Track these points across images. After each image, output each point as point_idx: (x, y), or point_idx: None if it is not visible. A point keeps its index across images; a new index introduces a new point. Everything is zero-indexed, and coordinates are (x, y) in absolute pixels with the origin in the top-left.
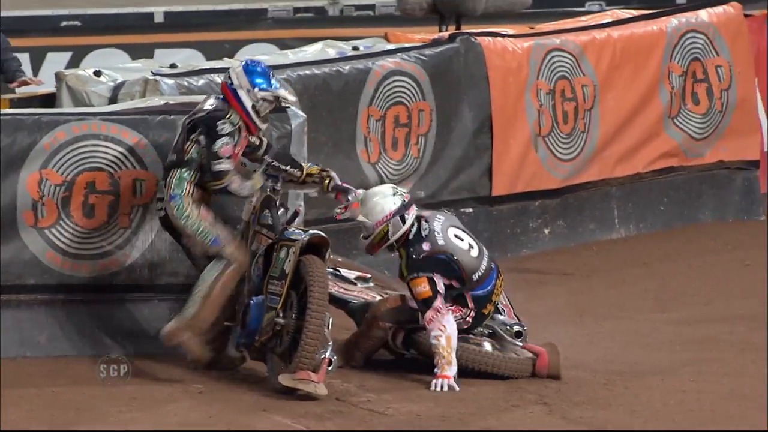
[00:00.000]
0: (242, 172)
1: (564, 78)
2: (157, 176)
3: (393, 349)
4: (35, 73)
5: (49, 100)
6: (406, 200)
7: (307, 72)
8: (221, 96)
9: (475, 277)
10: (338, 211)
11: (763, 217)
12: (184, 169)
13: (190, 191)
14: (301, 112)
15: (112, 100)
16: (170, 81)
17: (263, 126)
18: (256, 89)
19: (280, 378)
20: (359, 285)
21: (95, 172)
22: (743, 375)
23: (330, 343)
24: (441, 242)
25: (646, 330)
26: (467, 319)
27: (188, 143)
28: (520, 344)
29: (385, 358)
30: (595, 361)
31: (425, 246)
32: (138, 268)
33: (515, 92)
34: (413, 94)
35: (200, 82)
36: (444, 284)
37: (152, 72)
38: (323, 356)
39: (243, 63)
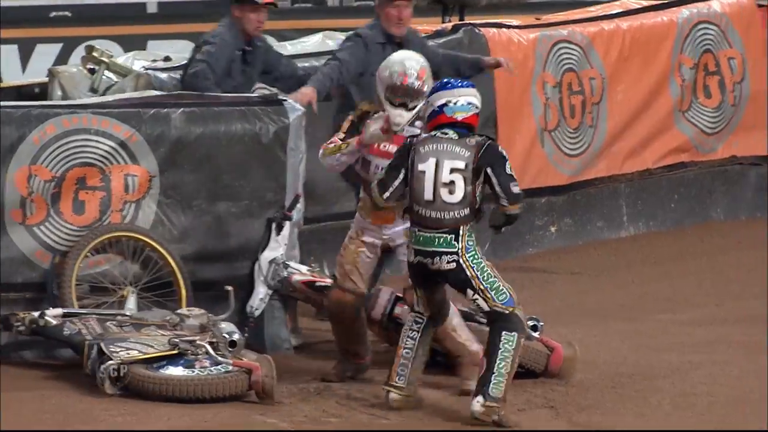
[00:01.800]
0: None
1: (571, 70)
2: (149, 172)
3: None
4: (24, 65)
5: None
6: None
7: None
8: (464, 128)
9: None
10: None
11: None
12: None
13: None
14: (299, 106)
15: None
16: (163, 75)
17: None
18: None
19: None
20: None
21: (86, 167)
22: (756, 378)
23: None
24: None
25: (656, 331)
26: None
27: (476, 190)
28: (537, 337)
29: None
30: (603, 363)
31: None
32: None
33: (520, 85)
34: None
35: None
36: None
37: (144, 66)
38: None
39: (470, 85)
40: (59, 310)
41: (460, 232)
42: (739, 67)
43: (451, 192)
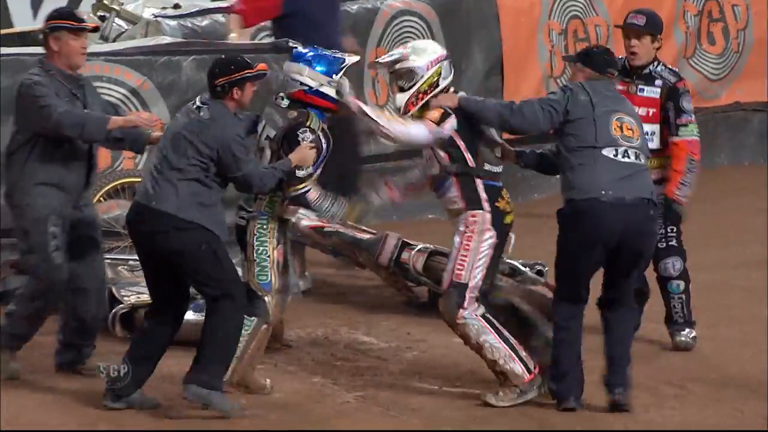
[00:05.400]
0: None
1: (577, 18)
2: (161, 120)
3: (412, 276)
4: (35, 12)
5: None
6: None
7: None
8: (296, 103)
9: (487, 159)
10: (380, 61)
11: None
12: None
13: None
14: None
15: None
16: (172, 22)
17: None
18: (335, 76)
19: None
20: None
21: None
22: (757, 321)
23: None
24: None
25: None
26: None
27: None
28: (542, 281)
29: None
30: None
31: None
32: None
33: (527, 33)
34: (422, 35)
35: (204, 22)
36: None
37: (153, 14)
38: None
39: (303, 60)
40: None
41: (263, 198)
42: (743, 14)
43: (262, 158)
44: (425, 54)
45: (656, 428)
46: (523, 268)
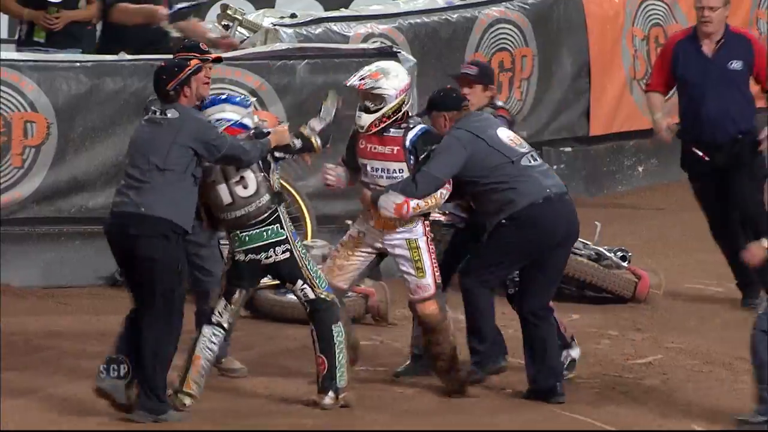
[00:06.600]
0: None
1: (658, 25)
2: (277, 118)
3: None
4: None
5: None
6: None
7: (418, 20)
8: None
9: None
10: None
11: None
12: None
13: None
14: (411, 57)
15: None
16: (289, 30)
17: None
18: (249, 109)
19: None
20: None
21: None
22: None
23: None
24: None
25: None
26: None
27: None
28: (626, 266)
29: None
30: (686, 290)
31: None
32: None
33: (612, 39)
34: (516, 41)
35: (318, 30)
36: None
37: (272, 23)
38: None
39: (217, 102)
40: None
41: (280, 217)
42: None
43: (245, 187)
44: (396, 80)
45: (658, 427)
46: (608, 254)
